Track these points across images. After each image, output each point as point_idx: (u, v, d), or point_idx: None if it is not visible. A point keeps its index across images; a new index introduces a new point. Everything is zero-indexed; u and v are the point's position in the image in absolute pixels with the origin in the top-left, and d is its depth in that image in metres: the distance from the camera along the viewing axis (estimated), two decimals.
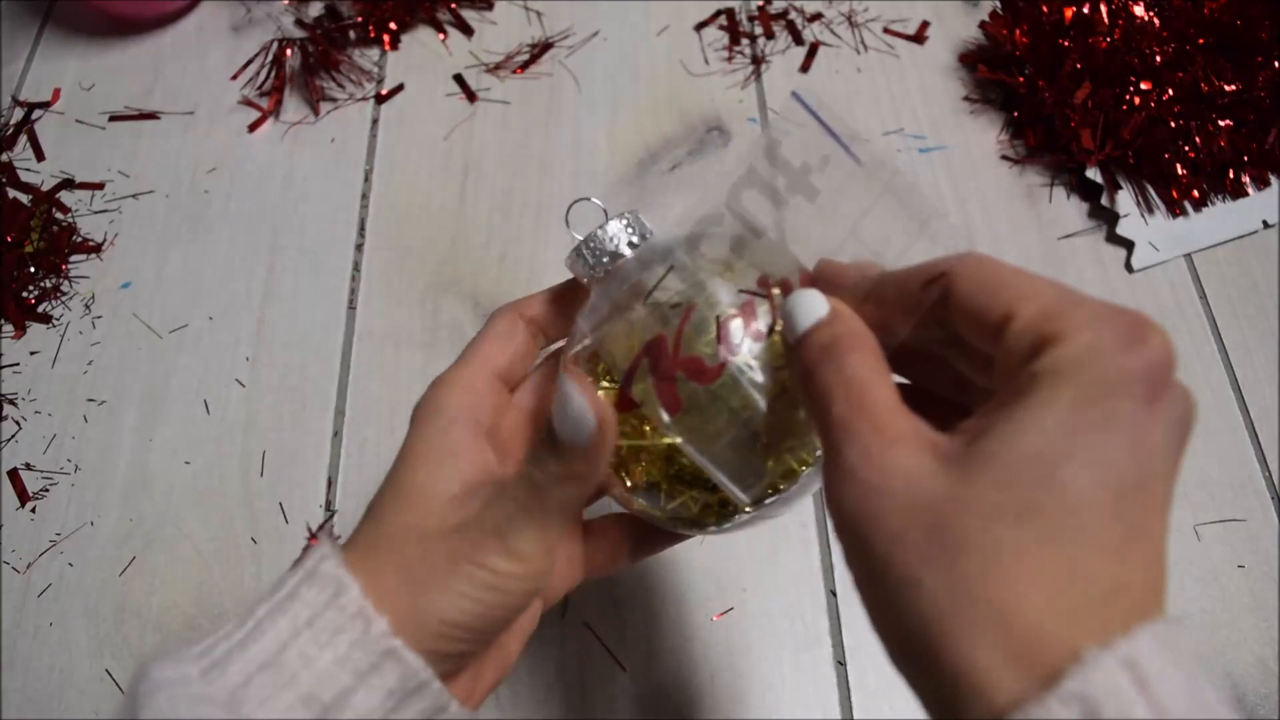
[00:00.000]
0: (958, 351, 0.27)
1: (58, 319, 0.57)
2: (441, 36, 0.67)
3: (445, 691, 0.27)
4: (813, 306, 0.26)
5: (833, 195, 0.28)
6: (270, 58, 0.64)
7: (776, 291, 0.29)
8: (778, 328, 0.28)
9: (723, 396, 0.28)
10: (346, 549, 0.28)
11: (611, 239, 0.32)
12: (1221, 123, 0.58)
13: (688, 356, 0.28)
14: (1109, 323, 0.21)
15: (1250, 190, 0.58)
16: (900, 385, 0.25)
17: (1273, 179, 0.59)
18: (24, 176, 0.62)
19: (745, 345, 0.28)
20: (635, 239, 0.32)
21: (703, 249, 0.30)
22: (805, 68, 0.65)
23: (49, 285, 0.58)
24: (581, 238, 0.33)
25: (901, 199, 0.28)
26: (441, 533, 0.27)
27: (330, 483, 0.52)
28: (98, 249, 0.60)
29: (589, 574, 0.35)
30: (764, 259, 0.30)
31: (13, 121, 0.64)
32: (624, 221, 0.32)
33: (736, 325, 0.28)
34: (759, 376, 0.28)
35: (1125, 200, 0.58)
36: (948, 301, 0.24)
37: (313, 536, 0.50)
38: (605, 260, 0.32)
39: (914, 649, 0.21)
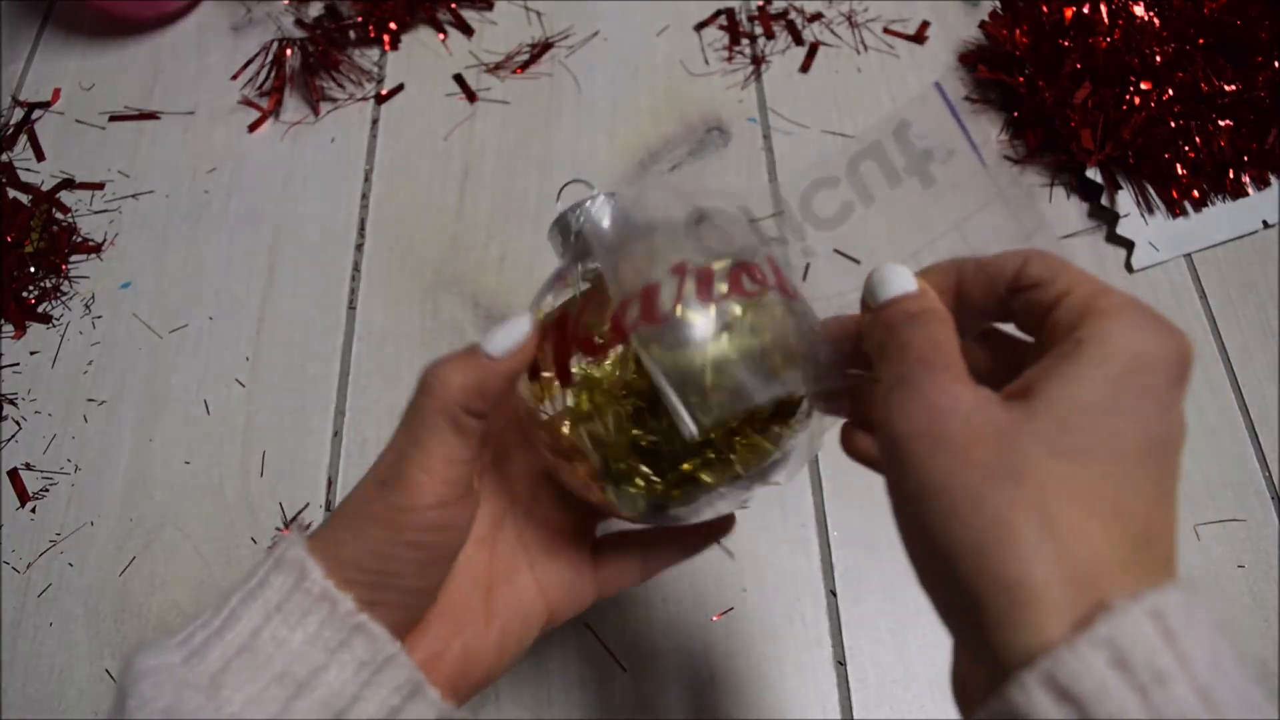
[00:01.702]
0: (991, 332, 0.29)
1: (58, 319, 0.57)
2: (441, 36, 0.67)
3: (416, 668, 0.28)
4: (903, 280, 0.28)
5: (948, 187, 0.30)
6: (270, 58, 0.64)
7: (690, 279, 0.29)
8: (678, 311, 0.29)
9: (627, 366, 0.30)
10: (312, 530, 0.29)
11: (579, 217, 0.34)
12: (1221, 123, 0.58)
13: (582, 334, 0.30)
14: (1144, 312, 0.24)
15: (1250, 190, 0.58)
16: None
17: (1273, 179, 0.59)
18: (24, 176, 0.62)
19: (642, 325, 0.29)
20: (606, 219, 0.33)
21: (659, 236, 0.31)
22: (805, 68, 0.65)
23: (49, 285, 0.58)
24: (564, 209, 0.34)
25: (1012, 208, 0.29)
26: (363, 483, 0.29)
27: (330, 483, 0.52)
28: (98, 249, 0.60)
29: (600, 592, 0.36)
30: (719, 240, 0.31)
31: (13, 121, 0.64)
32: (600, 202, 0.33)
33: (633, 307, 0.29)
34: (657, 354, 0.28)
35: (1125, 200, 0.58)
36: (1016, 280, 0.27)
37: (284, 527, 0.50)
38: (573, 236, 0.34)
39: (963, 564, 0.22)
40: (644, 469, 0.31)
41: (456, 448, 0.28)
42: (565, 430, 0.31)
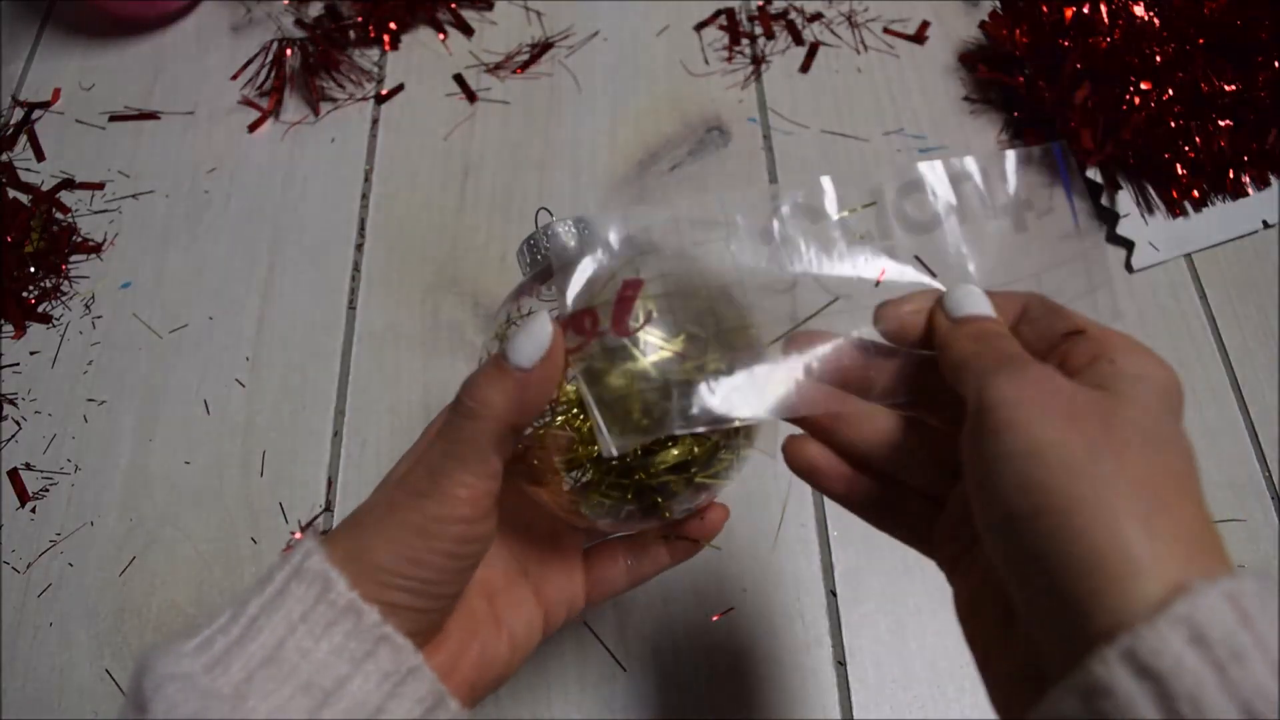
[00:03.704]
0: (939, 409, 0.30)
1: (58, 319, 0.57)
2: (441, 36, 0.67)
3: (438, 680, 0.28)
4: (979, 303, 0.29)
5: (1038, 239, 0.31)
6: (270, 58, 0.64)
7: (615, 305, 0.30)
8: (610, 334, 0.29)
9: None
10: (329, 536, 0.29)
11: (538, 243, 0.35)
12: (1221, 123, 0.58)
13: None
14: (1144, 351, 0.26)
15: (1250, 190, 0.58)
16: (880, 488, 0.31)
17: (1273, 179, 0.59)
18: (24, 176, 0.62)
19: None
20: (573, 241, 0.35)
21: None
22: (805, 68, 0.65)
23: (49, 285, 0.58)
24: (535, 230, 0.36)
25: (1089, 263, 0.31)
26: (388, 487, 0.29)
27: (330, 483, 0.52)
28: (98, 249, 0.60)
29: (590, 600, 0.36)
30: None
31: (13, 121, 0.64)
32: (566, 225, 0.35)
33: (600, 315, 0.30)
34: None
35: (1125, 200, 0.58)
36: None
37: (300, 531, 0.50)
38: (539, 257, 0.35)
39: (1070, 520, 0.22)
40: (605, 481, 0.31)
41: (495, 464, 0.29)
42: (536, 452, 0.32)
